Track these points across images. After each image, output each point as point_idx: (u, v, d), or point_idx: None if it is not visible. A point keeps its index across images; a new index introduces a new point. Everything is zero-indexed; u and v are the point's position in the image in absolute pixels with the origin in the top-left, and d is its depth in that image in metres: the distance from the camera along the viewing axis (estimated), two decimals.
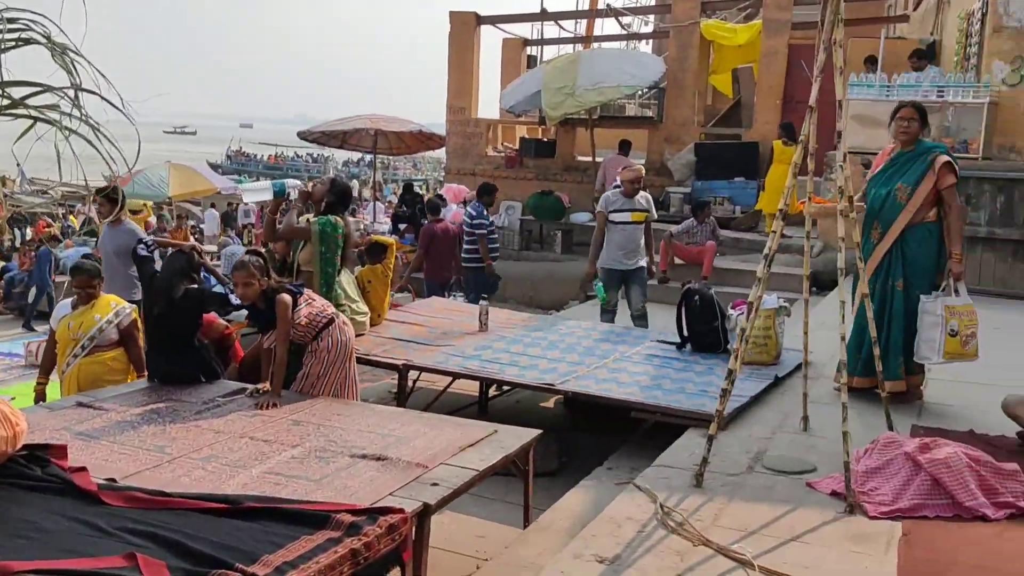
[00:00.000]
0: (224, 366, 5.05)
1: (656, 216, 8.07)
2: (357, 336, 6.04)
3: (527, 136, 16.06)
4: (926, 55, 11.35)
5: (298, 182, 18.34)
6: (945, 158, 4.93)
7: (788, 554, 3.20)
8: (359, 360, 5.33)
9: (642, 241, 7.61)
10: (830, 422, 4.48)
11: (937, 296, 4.87)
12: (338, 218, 5.17)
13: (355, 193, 23.06)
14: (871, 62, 11.94)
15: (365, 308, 6.22)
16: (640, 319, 7.62)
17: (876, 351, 4.35)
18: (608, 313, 7.74)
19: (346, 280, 6.00)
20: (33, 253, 13.51)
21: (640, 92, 16.94)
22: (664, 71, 13.70)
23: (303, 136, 14.40)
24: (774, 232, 4.16)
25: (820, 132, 5.87)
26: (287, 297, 4.53)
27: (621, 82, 12.79)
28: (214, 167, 50.60)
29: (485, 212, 9.24)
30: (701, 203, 11.07)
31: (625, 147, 12.81)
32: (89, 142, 2.66)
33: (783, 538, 3.34)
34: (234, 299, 4.65)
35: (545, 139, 15.64)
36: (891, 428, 4.37)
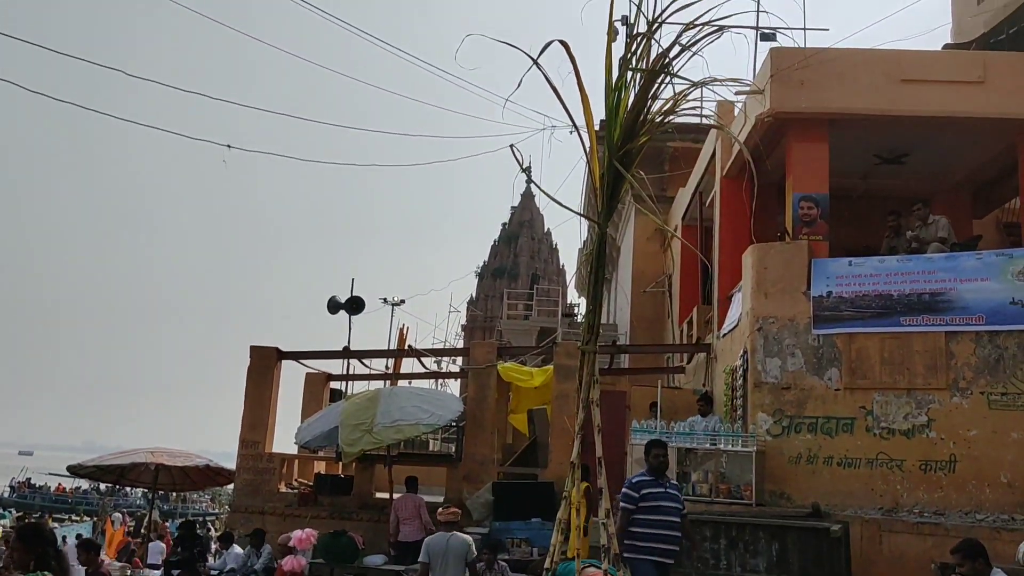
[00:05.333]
0: None
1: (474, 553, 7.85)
2: None
3: (324, 472, 15.54)
4: (711, 400, 12.34)
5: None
6: None
7: None
8: None
9: None
10: None
11: None
12: (49, 573, 4.29)
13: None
14: (655, 407, 12.80)
15: None
16: None
17: None
18: None
19: None
20: None
21: (441, 430, 17.12)
22: (462, 410, 13.99)
23: (74, 471, 13.25)
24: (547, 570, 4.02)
25: (609, 476, 6.01)
26: None
27: (419, 420, 12.86)
28: None
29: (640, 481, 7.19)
30: (491, 544, 10.79)
31: (412, 484, 12.61)
32: None
33: None
34: None
35: (343, 475, 15.18)
36: None
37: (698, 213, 15.37)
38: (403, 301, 31.53)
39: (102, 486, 43.12)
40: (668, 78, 4.61)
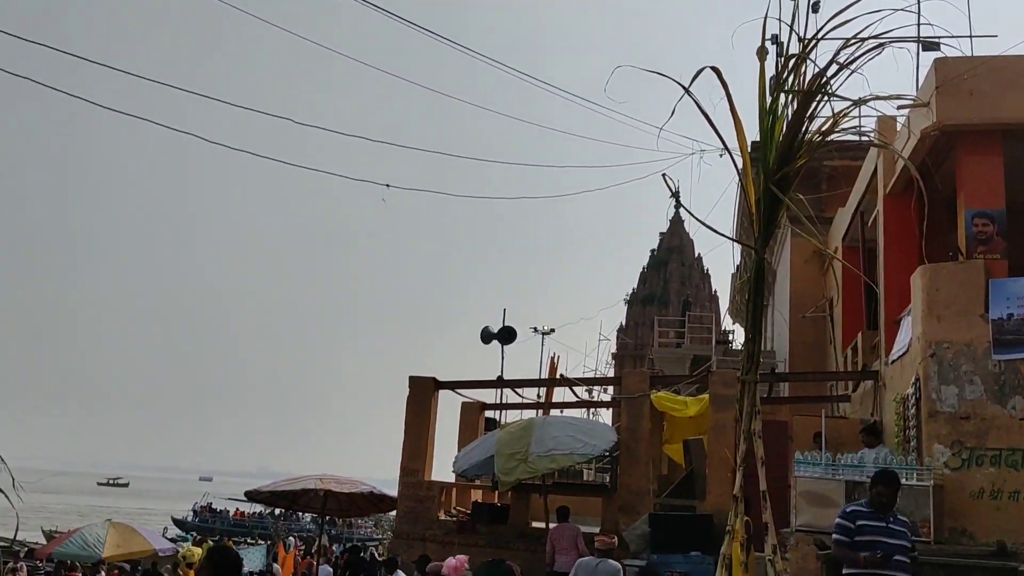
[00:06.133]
0: None
1: None
2: None
3: (481, 501, 15.78)
4: (879, 432, 11.66)
5: None
6: None
7: None
8: None
9: None
10: None
11: None
12: None
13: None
14: (819, 438, 12.25)
15: None
16: None
17: None
18: None
19: None
20: None
21: (595, 460, 17.05)
22: (616, 440, 13.89)
23: (251, 496, 14.05)
24: None
25: (774, 511, 5.82)
26: None
27: (573, 449, 12.87)
28: (180, 524, 49.54)
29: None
30: None
31: (564, 514, 12.60)
32: None
33: None
34: None
35: (499, 504, 15.37)
36: None
37: (860, 234, 14.69)
38: (553, 330, 31.64)
39: (276, 511, 45.33)
40: (826, 98, 4.47)
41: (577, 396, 19.12)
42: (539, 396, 19.33)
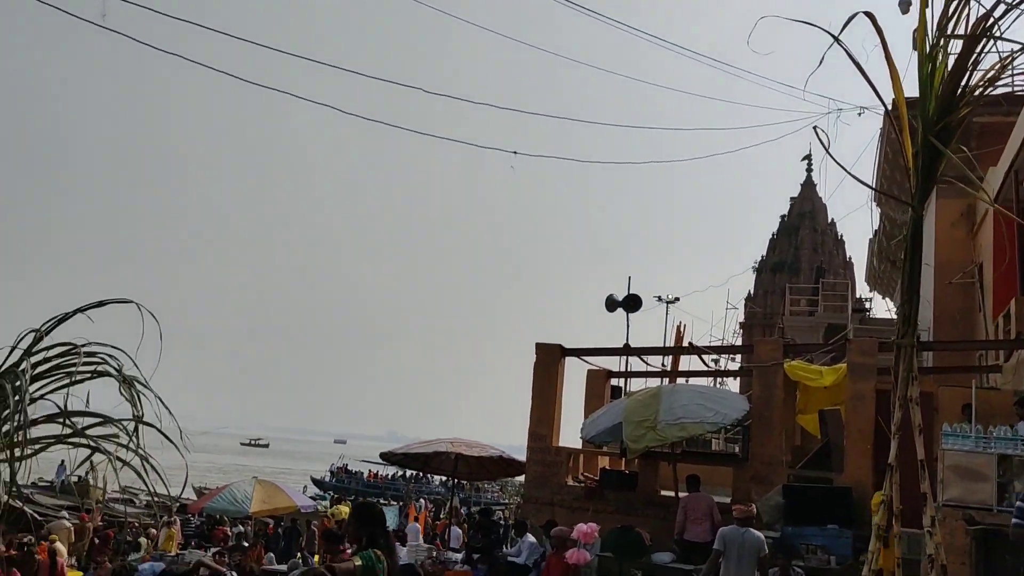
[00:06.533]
0: None
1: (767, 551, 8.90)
2: None
3: (608, 467, 15.77)
4: None
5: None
6: None
7: None
8: None
9: None
10: None
11: None
12: (379, 551, 4.59)
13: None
14: (968, 409, 11.60)
15: None
16: None
17: None
18: None
19: None
20: None
21: (725, 429, 16.74)
22: (747, 409, 13.57)
23: (386, 458, 14.52)
24: None
25: (911, 483, 5.55)
26: None
27: (703, 418, 12.66)
28: (319, 483, 52.07)
29: None
30: (785, 549, 10.32)
31: (694, 483, 12.41)
32: (138, 474, 2.74)
33: None
34: None
35: (627, 471, 15.32)
36: None
37: (1014, 194, 13.75)
38: (677, 299, 31.20)
39: (407, 473, 46.78)
40: (992, 42, 4.12)
41: (706, 365, 18.82)
42: (663, 365, 19.12)
